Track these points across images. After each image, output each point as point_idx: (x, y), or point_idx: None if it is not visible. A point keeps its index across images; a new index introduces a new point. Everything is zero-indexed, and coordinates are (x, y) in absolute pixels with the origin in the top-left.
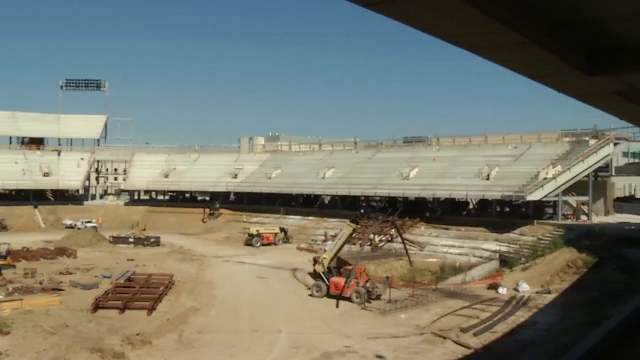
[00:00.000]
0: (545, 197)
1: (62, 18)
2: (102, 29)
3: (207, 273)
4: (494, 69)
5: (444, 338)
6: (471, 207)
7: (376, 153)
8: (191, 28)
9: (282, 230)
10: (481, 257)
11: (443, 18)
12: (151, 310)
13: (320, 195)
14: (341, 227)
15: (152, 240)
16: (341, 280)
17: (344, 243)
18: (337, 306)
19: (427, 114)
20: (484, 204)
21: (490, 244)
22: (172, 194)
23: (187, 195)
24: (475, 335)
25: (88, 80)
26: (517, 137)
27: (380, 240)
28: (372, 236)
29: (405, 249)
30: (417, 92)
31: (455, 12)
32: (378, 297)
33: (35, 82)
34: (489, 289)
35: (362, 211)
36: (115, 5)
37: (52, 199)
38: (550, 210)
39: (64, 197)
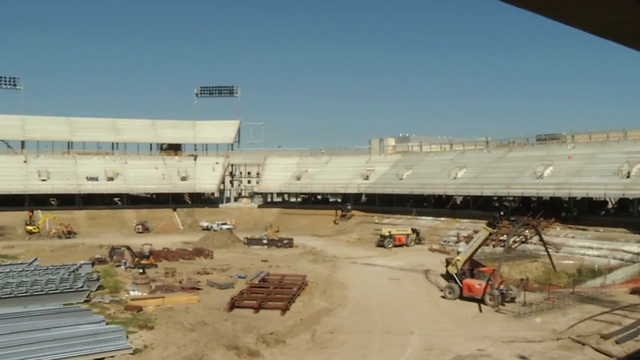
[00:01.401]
0: None
1: (195, 28)
2: (234, 37)
3: (339, 274)
4: (634, 60)
5: (583, 344)
6: (610, 206)
7: (508, 152)
8: (320, 32)
9: (413, 231)
10: (622, 260)
11: (590, 8)
12: (284, 310)
13: (452, 196)
14: (473, 228)
15: (285, 241)
16: (474, 282)
17: (479, 246)
18: (480, 310)
19: (561, 110)
20: (624, 203)
21: (632, 245)
22: (304, 195)
23: (319, 196)
24: (617, 342)
25: (221, 87)
26: None
27: (514, 242)
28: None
29: (547, 252)
30: (549, 88)
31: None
32: (512, 300)
33: (172, 90)
34: (631, 293)
35: (502, 213)
36: (244, 13)
37: (189, 201)
38: None
39: (200, 199)
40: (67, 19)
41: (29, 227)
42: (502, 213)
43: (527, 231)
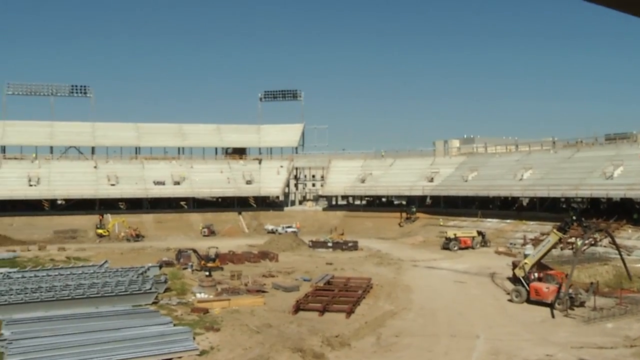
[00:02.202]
0: None
1: (260, 33)
2: (297, 41)
3: (404, 277)
4: None
5: None
6: None
7: (575, 152)
8: (382, 34)
9: (479, 233)
10: None
11: None
12: (349, 312)
13: (518, 197)
14: (540, 230)
15: (350, 244)
16: (542, 286)
17: (548, 250)
18: (552, 315)
19: (631, 109)
20: None
21: None
22: (368, 198)
23: (383, 199)
24: None
25: (285, 90)
26: None
27: (583, 244)
28: (575, 240)
29: (622, 259)
30: (618, 86)
31: None
32: (581, 304)
33: (237, 94)
34: None
35: (573, 218)
36: (307, 17)
37: (254, 205)
38: None
39: (265, 203)
40: (133, 27)
41: (100, 231)
42: (573, 217)
43: (596, 234)
